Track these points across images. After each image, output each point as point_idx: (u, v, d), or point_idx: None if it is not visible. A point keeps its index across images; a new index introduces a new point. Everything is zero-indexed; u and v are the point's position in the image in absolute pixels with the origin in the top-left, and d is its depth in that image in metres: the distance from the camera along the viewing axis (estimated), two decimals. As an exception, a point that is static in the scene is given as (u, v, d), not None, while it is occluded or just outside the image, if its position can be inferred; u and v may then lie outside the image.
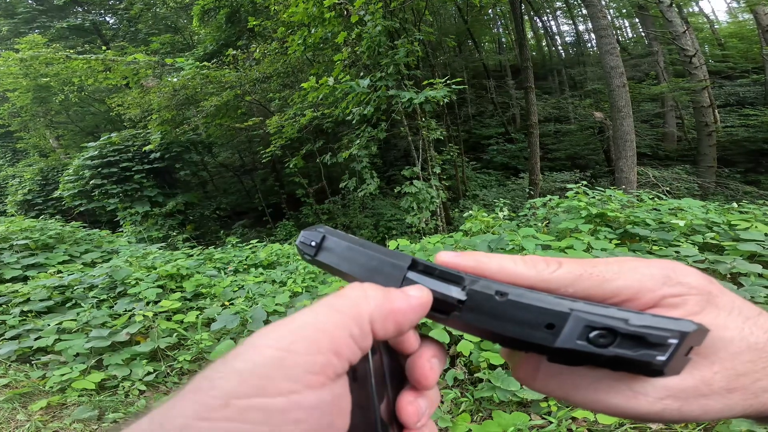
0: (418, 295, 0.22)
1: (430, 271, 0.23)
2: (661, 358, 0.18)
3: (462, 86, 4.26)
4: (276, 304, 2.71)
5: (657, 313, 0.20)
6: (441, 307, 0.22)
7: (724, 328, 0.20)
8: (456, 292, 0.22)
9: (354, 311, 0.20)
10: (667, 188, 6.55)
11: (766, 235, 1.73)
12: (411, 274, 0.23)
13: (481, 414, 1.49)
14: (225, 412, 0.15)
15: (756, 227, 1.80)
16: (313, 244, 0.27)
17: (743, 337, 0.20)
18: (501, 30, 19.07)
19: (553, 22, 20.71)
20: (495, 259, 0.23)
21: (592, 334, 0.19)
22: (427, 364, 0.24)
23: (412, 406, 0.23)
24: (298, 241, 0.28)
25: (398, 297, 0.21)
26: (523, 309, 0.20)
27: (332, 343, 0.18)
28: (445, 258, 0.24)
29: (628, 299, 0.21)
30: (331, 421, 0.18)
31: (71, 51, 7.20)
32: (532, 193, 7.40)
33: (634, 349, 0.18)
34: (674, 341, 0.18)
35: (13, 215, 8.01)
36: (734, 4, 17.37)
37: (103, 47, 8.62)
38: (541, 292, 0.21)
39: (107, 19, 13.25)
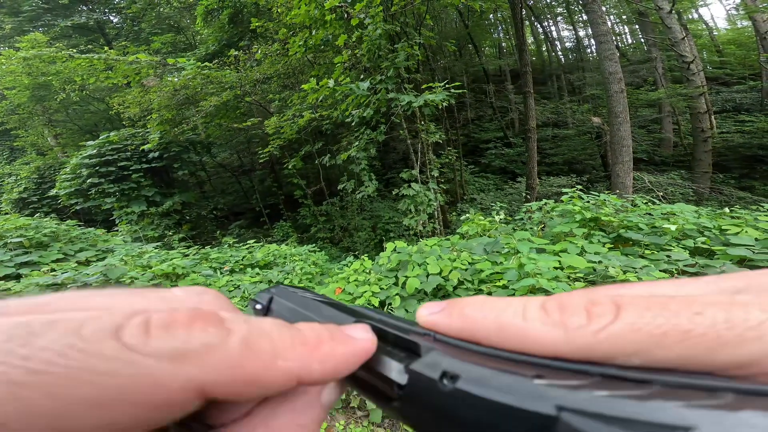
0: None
1: (381, 335, 0.17)
2: None
3: (461, 90, 4.29)
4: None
5: None
6: (378, 391, 0.16)
7: None
8: (397, 372, 0.15)
9: None
10: (662, 193, 6.59)
11: (756, 239, 1.75)
12: None
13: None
14: None
15: (746, 232, 1.82)
16: (259, 307, 0.23)
17: None
18: (501, 35, 19.21)
19: (553, 28, 20.90)
20: (491, 312, 0.15)
21: None
22: None
23: None
24: (250, 303, 0.24)
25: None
26: (480, 407, 0.12)
27: None
28: (424, 315, 0.17)
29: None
30: None
31: (74, 50, 7.20)
32: (528, 197, 7.42)
33: None
34: None
35: (7, 213, 7.99)
36: (733, 11, 17.58)
37: (105, 47, 8.64)
38: (526, 366, 0.12)
39: (111, 18, 13.30)
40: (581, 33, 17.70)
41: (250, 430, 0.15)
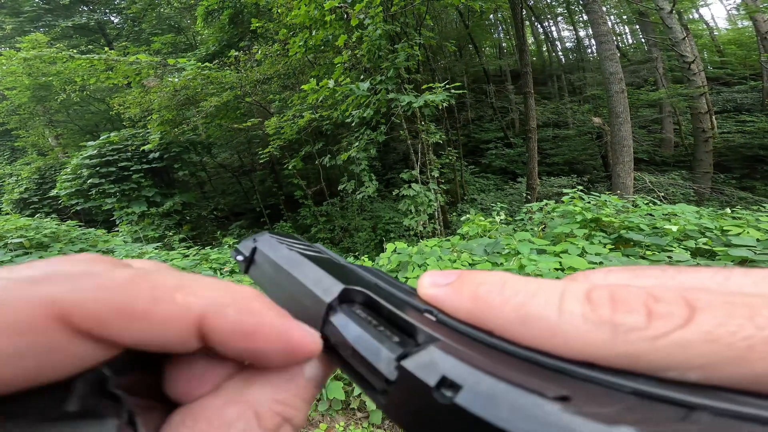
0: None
1: (374, 306, 0.15)
2: None
3: (461, 91, 4.28)
4: (271, 305, 2.71)
5: None
6: (363, 378, 0.13)
7: None
8: (385, 363, 0.12)
9: None
10: (663, 194, 6.58)
11: (757, 240, 1.75)
12: (336, 316, 0.15)
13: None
14: None
15: (748, 233, 1.82)
16: (240, 258, 0.20)
17: None
18: (502, 35, 19.21)
19: (553, 28, 20.92)
20: (514, 298, 0.12)
21: None
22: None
23: None
24: (232, 252, 0.22)
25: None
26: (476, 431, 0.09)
27: None
28: (426, 286, 0.14)
29: None
30: None
31: (74, 50, 7.22)
32: (529, 197, 7.41)
33: None
34: None
35: (8, 214, 8.00)
36: (734, 11, 17.56)
37: (106, 48, 8.65)
38: (547, 375, 0.10)
39: (112, 18, 13.33)
40: (582, 33, 17.70)
41: (220, 406, 0.13)
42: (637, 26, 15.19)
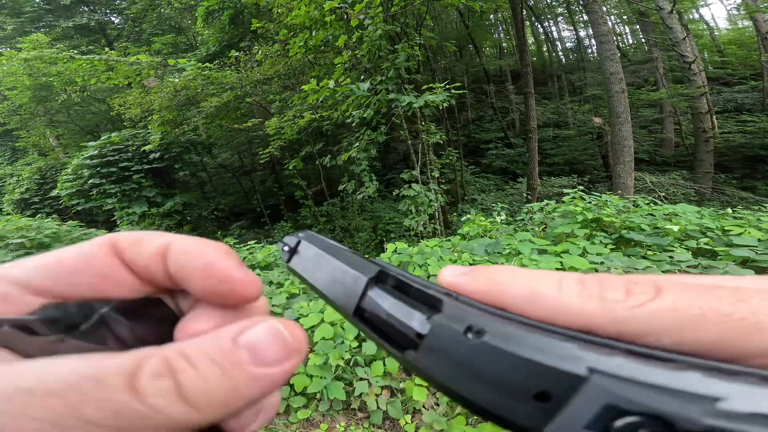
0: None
1: (403, 287, 0.17)
2: None
3: (462, 91, 4.28)
4: (273, 306, 2.71)
5: None
6: (395, 339, 0.16)
7: None
8: (418, 321, 0.15)
9: None
10: (664, 194, 6.57)
11: (759, 240, 1.74)
12: (374, 291, 0.17)
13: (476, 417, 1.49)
14: None
15: (749, 233, 1.82)
16: (286, 249, 0.24)
17: None
18: (502, 35, 19.22)
19: (554, 28, 20.92)
20: (523, 280, 0.15)
21: (618, 423, 0.10)
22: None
23: None
24: (278, 243, 0.26)
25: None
26: (506, 361, 0.12)
27: None
28: (447, 275, 0.17)
29: None
30: None
31: (75, 51, 7.22)
32: (530, 197, 7.41)
33: None
34: None
35: (9, 214, 8.00)
36: (734, 11, 17.55)
37: (107, 48, 8.66)
38: (556, 333, 0.12)
39: (112, 18, 13.35)
40: (582, 33, 17.69)
41: (198, 332, 0.17)
42: (638, 26, 15.19)
